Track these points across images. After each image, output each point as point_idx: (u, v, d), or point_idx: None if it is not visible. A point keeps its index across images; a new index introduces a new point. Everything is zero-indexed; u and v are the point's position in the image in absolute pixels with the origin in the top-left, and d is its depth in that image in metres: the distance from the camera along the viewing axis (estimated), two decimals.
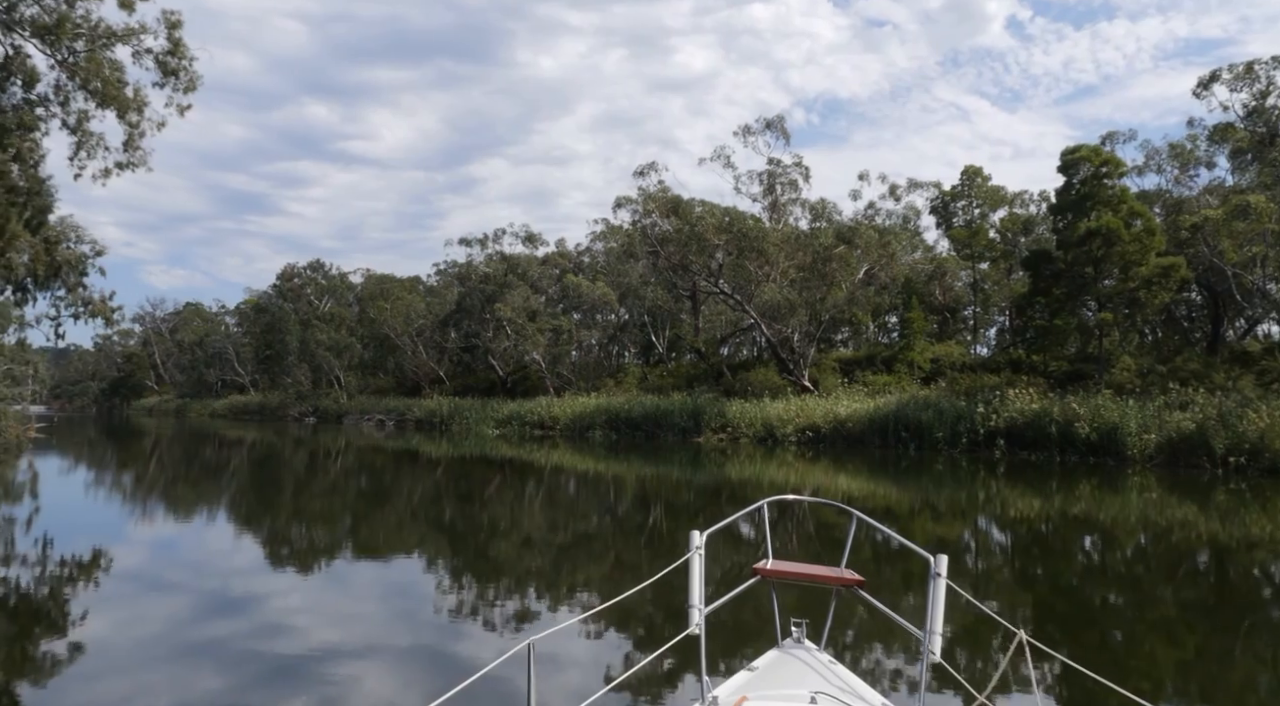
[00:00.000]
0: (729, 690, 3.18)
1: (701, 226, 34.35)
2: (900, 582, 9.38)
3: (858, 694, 3.18)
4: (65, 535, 12.30)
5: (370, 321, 61.68)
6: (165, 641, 6.73)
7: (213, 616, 7.57)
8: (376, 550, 11.24)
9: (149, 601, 8.24)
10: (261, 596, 8.45)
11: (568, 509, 16.25)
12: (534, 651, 2.41)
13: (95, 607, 7.94)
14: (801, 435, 32.05)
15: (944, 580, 3.20)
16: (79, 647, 6.59)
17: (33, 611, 7.86)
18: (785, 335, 38.01)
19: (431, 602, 8.24)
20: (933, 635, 3.12)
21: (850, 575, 3.85)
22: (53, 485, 20.31)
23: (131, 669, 6.08)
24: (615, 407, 39.23)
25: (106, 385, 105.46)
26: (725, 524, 4.07)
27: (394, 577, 9.61)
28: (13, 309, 22.74)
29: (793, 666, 3.43)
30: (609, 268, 51.90)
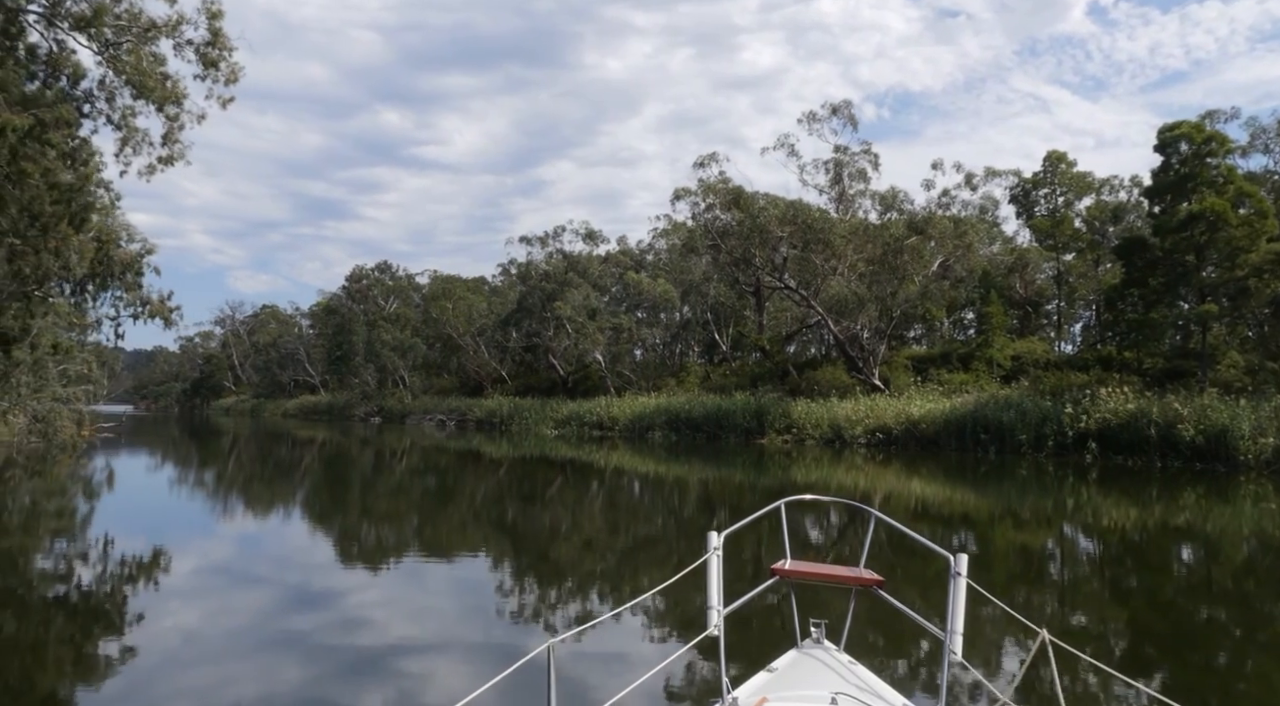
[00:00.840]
0: (749, 691, 3.18)
1: (764, 218, 32.83)
2: (920, 582, 9.25)
3: (878, 694, 3.17)
4: (152, 531, 12.76)
5: (433, 322, 61.89)
6: (252, 632, 6.99)
7: (293, 609, 7.81)
8: (443, 549, 11.44)
9: (235, 594, 8.53)
10: (337, 591, 8.63)
11: (629, 511, 15.79)
12: (554, 653, 2.42)
13: (188, 599, 8.29)
14: (871, 437, 30.30)
15: (964, 579, 3.11)
16: (174, 636, 6.90)
17: (129, 603, 8.09)
18: (854, 332, 36.21)
19: (497, 602, 8.30)
20: (954, 634, 3.04)
21: (869, 575, 3.80)
22: (128, 483, 20.52)
23: (221, 658, 6.28)
24: (676, 408, 38.01)
25: (188, 385, 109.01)
26: (743, 524, 4.02)
27: (460, 576, 9.65)
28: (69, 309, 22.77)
29: (812, 667, 3.42)
30: (671, 265, 50.73)
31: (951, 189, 37.43)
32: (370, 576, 9.55)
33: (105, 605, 7.99)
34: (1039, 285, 43.43)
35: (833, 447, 30.33)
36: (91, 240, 21.25)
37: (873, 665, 3.72)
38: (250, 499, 17.42)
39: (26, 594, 8.49)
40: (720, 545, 3.32)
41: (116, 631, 7.08)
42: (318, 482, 20.84)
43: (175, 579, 9.29)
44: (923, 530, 12.54)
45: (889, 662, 6.06)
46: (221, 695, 5.47)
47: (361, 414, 64.75)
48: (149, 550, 10.97)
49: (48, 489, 18.12)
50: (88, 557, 10.39)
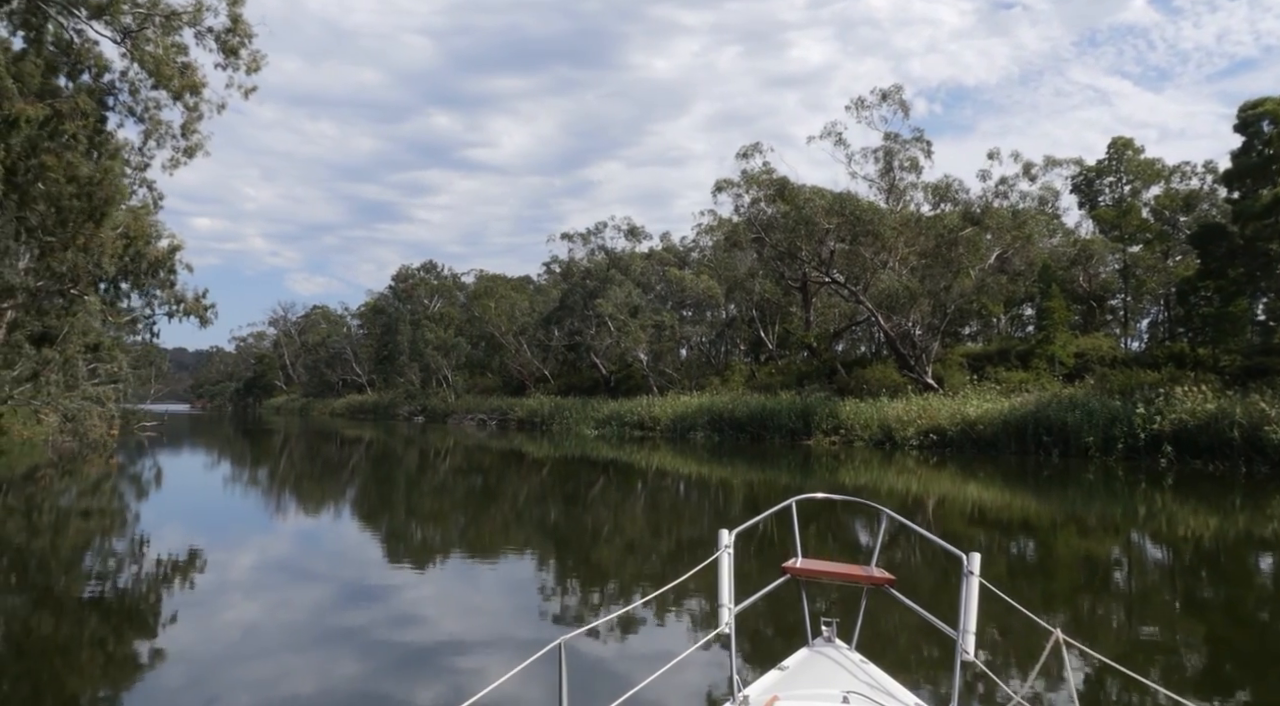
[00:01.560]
0: (760, 689, 3.17)
1: (810, 209, 31.41)
2: (933, 581, 9.20)
3: (890, 693, 3.15)
4: (209, 528, 13.11)
5: (477, 321, 61.62)
6: (307, 627, 7.14)
7: (346, 605, 7.95)
8: (487, 548, 11.47)
9: (290, 589, 8.77)
10: (386, 588, 8.74)
11: (672, 514, 15.27)
12: (565, 650, 2.43)
13: (248, 593, 8.50)
14: (924, 438, 28.75)
15: (977, 578, 3.10)
16: (235, 628, 7.08)
17: (191, 597, 8.26)
18: (905, 328, 34.59)
19: (540, 602, 8.31)
20: (966, 634, 3.04)
21: (881, 574, 3.78)
22: (174, 483, 20.70)
23: (278, 651, 6.44)
24: (719, 407, 36.81)
25: (241, 385, 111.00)
26: (754, 522, 4.01)
27: (505, 575, 9.67)
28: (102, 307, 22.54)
29: (824, 665, 3.40)
30: (716, 261, 49.49)
31: (1009, 178, 35.40)
32: (419, 574, 9.64)
33: (169, 600, 8.14)
34: (1103, 279, 41.16)
35: (883, 449, 28.94)
36: (119, 236, 20.93)
37: (884, 664, 3.61)
38: (299, 498, 17.51)
39: (80, 591, 8.56)
40: (731, 543, 3.33)
41: (181, 624, 7.23)
42: (365, 482, 20.89)
43: (234, 574, 9.49)
44: (979, 537, 12.07)
45: (901, 661, 6.06)
46: (279, 687, 5.55)
47: (405, 413, 64.82)
48: (207, 546, 11.19)
49: (97, 487, 17.95)
50: (148, 555, 10.52)
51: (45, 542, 11.53)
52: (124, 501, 16.33)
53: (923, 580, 9.30)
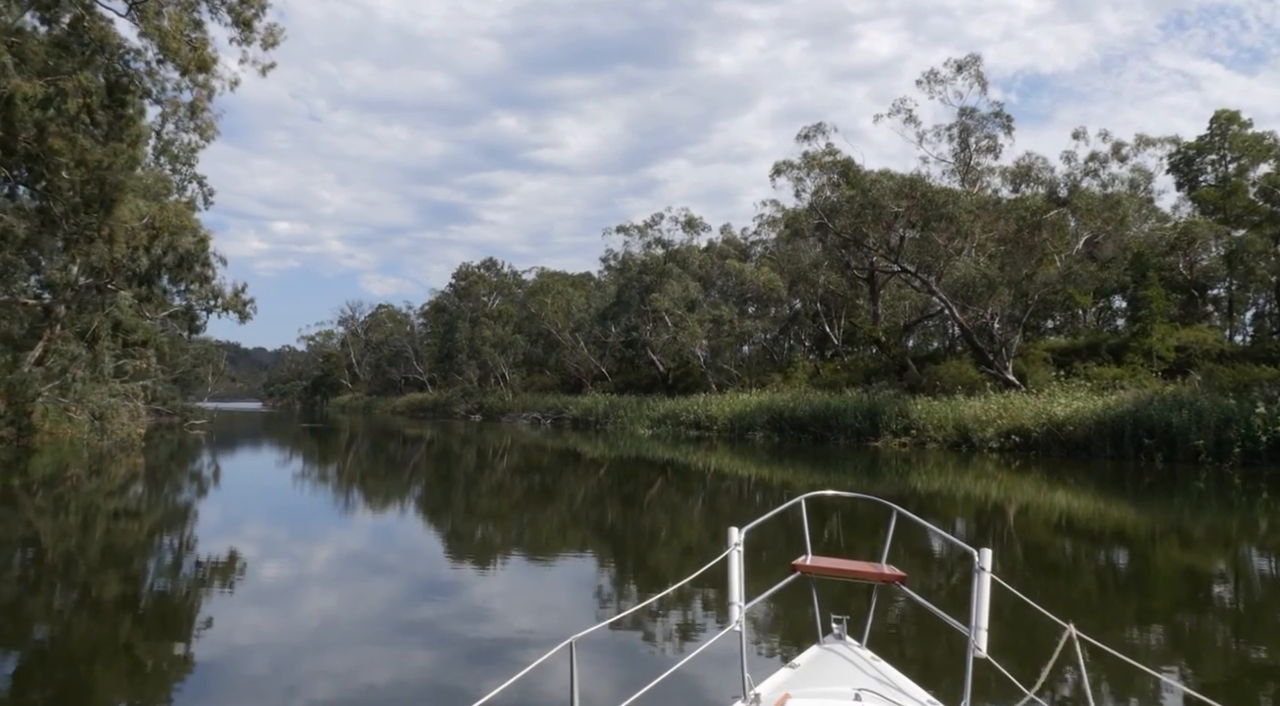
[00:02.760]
0: (771, 687, 3.17)
1: (877, 191, 29.05)
2: (945, 578, 9.20)
3: (902, 690, 3.13)
4: (279, 525, 13.35)
5: (534, 318, 60.67)
6: (380, 620, 7.25)
7: (414, 599, 8.11)
8: (547, 548, 11.46)
9: (361, 583, 8.91)
10: (452, 584, 8.91)
11: (732, 518, 13.39)
12: (576, 649, 2.45)
13: (325, 586, 8.72)
14: (1005, 440, 26.17)
15: (988, 574, 3.07)
16: (315, 619, 7.29)
17: (267, 589, 8.47)
18: (982, 320, 31.92)
19: (601, 602, 8.26)
20: (978, 630, 2.98)
21: (891, 571, 3.74)
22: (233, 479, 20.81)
23: (354, 642, 6.52)
24: (779, 406, 34.67)
25: (309, 383, 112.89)
26: (763, 520, 3.98)
27: (567, 574, 9.66)
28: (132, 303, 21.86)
29: (835, 663, 3.40)
30: (778, 254, 47.22)
31: (1100, 154, 32.16)
32: (483, 571, 9.77)
33: (248, 592, 8.25)
34: (1205, 265, 37.58)
35: (959, 452, 26.55)
36: (145, 226, 20.10)
37: (896, 661, 3.45)
38: (350, 499, 17.53)
39: (149, 584, 8.77)
40: (741, 541, 3.39)
41: (265, 615, 7.39)
42: (426, 481, 20.99)
43: (312, 568, 9.73)
44: (1064, 547, 11.45)
45: (912, 658, 6.04)
46: (357, 678, 5.64)
47: (462, 411, 64.38)
48: (285, 542, 11.50)
49: (124, 489, 17.19)
50: (223, 550, 10.63)
51: (95, 544, 11.31)
52: (189, 495, 16.66)
53: (934, 577, 9.20)
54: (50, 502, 14.96)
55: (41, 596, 8.19)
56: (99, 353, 20.72)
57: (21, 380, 20.30)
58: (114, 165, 16.77)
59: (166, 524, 13.01)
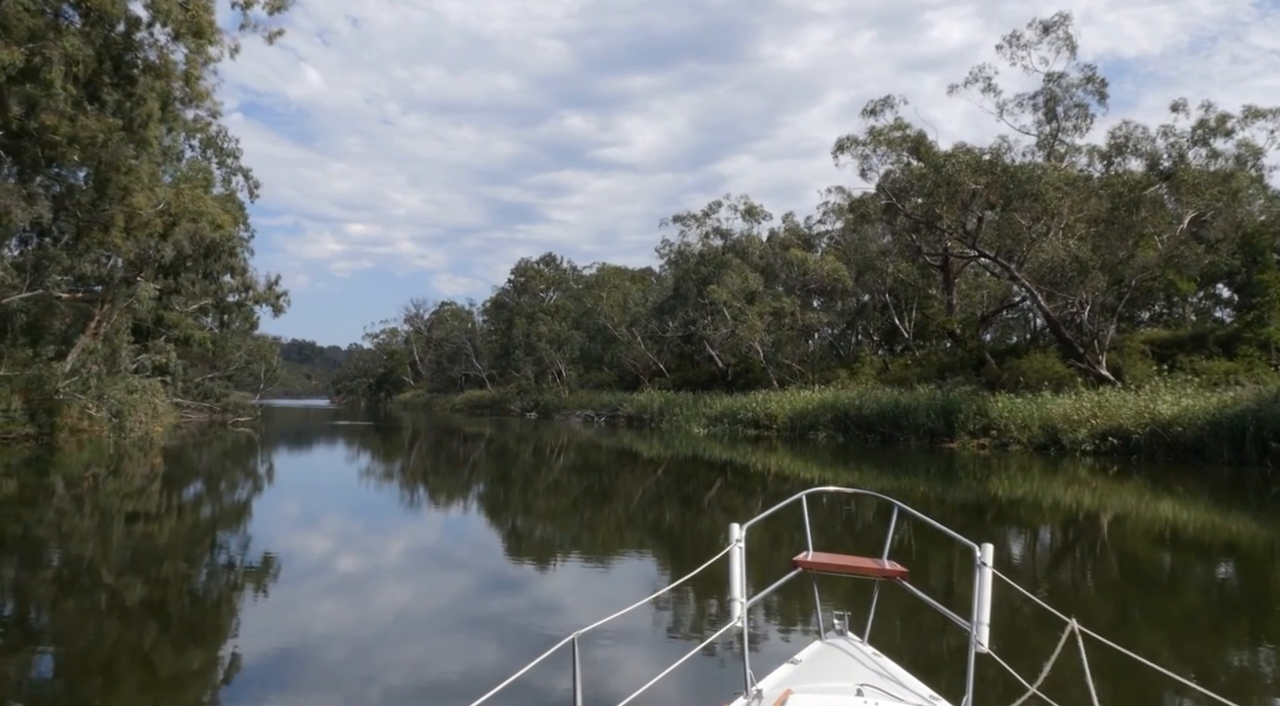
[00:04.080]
0: (773, 683, 3.17)
1: (952, 167, 26.37)
2: (947, 573, 9.14)
3: (904, 685, 3.15)
4: (347, 521, 13.36)
5: (591, 313, 59.23)
6: (450, 614, 7.41)
7: (480, 595, 8.19)
8: (606, 548, 11.25)
9: (438, 578, 9.05)
10: (514, 581, 8.94)
11: (795, 523, 11.98)
12: (578, 646, 2.46)
13: (393, 581, 8.78)
14: (1101, 442, 23.31)
15: (990, 569, 3.10)
16: (389, 612, 7.42)
17: (338, 583, 8.55)
18: (1070, 310, 28.91)
19: (662, 602, 7.89)
20: (980, 625, 3.05)
21: (892, 566, 3.76)
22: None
23: (427, 636, 6.67)
24: (844, 404, 32.18)
25: (373, 381, 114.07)
26: (765, 516, 4.01)
27: (629, 574, 9.45)
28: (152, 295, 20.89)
29: (837, 659, 3.41)
30: (845, 243, 44.54)
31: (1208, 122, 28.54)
32: (546, 568, 9.78)
33: (317, 591, 8.24)
34: None
35: (1046, 455, 23.85)
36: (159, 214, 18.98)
37: (897, 657, 3.49)
38: (432, 494, 17.50)
39: (214, 581, 8.73)
40: (742, 537, 3.37)
41: (331, 610, 7.42)
42: (486, 480, 20.82)
43: (386, 562, 9.89)
44: (1163, 560, 10.78)
45: (914, 654, 5.94)
46: (430, 670, 5.75)
47: (518, 408, 63.39)
48: (343, 539, 11.60)
49: (142, 491, 16.02)
50: (293, 547, 10.75)
51: (119, 549, 10.87)
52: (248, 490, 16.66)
53: (937, 573, 9.23)
54: (72, 503, 14.25)
55: (98, 596, 8.02)
56: (117, 347, 19.76)
57: (38, 376, 19.44)
58: (109, 141, 15.59)
59: (177, 529, 11.89)
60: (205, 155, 36.95)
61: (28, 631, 6.73)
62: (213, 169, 35.97)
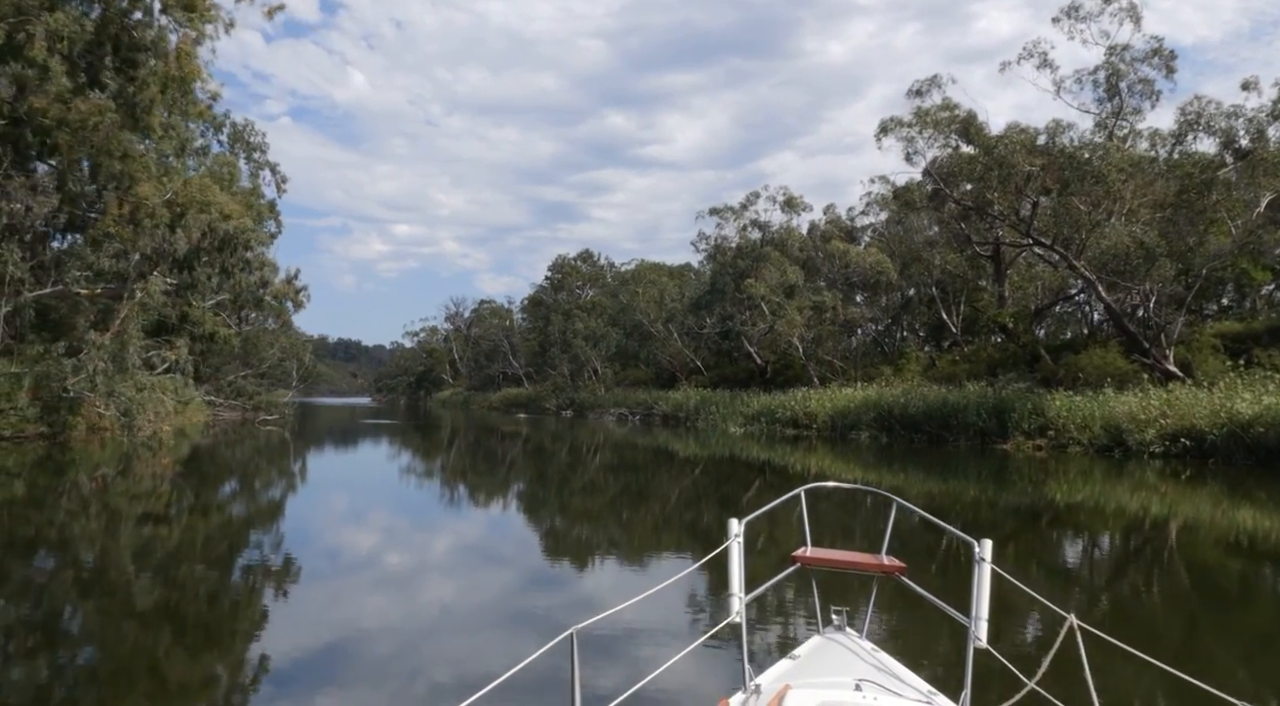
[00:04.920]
0: (771, 677, 3.19)
1: (1005, 148, 24.60)
2: (947, 569, 9.13)
3: (902, 680, 3.16)
4: (387, 518, 13.39)
5: (628, 309, 58.09)
6: (494, 608, 7.50)
7: (524, 593, 8.24)
8: (647, 547, 11.08)
9: (481, 574, 9.25)
10: (558, 578, 9.02)
11: (836, 527, 12.97)
12: (576, 640, 2.47)
13: (445, 575, 9.07)
14: (1171, 443, 21.45)
15: (988, 565, 3.10)
16: (434, 608, 7.59)
17: (384, 577, 8.72)
18: (1134, 301, 26.94)
19: (692, 609, 7.67)
20: (978, 621, 3.04)
21: (891, 562, 3.79)
22: None
23: (471, 631, 6.80)
24: (888, 402, 30.52)
25: (413, 379, 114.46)
26: (763, 511, 3.97)
27: (668, 575, 8.35)
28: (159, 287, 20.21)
29: (835, 654, 3.42)
30: (889, 235, 42.74)
31: None
32: (585, 567, 9.71)
33: (367, 587, 8.23)
34: None
35: (1109, 457, 22.10)
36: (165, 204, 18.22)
37: (896, 652, 3.53)
38: (472, 492, 17.45)
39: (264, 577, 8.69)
40: (741, 532, 3.38)
41: (379, 605, 7.48)
42: (525, 479, 20.59)
43: (430, 558, 10.07)
44: (1233, 569, 10.13)
45: (912, 649, 6.00)
46: (476, 665, 5.73)
47: (553, 406, 62.58)
48: (388, 536, 11.64)
49: (153, 495, 15.24)
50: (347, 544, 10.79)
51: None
52: None
53: (937, 568, 9.17)
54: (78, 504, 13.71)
55: (132, 596, 7.94)
56: (125, 343, 19.11)
57: (45, 373, 18.84)
58: (101, 125, 14.78)
59: (167, 540, 10.98)
60: (234, 150, 36.59)
61: (55, 633, 6.73)
62: (240, 164, 35.54)
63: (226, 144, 36.17)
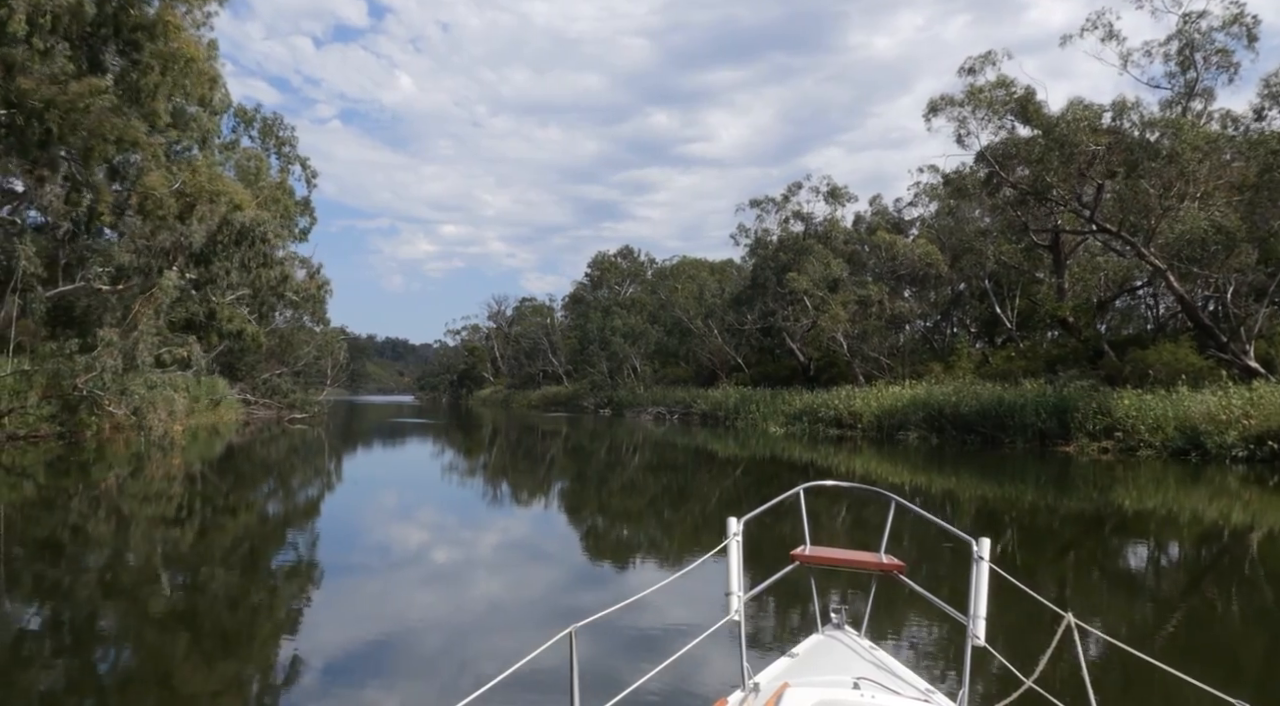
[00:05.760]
0: (770, 676, 3.19)
1: (1068, 126, 22.75)
2: (944, 568, 9.12)
3: (901, 678, 3.15)
4: (429, 516, 13.34)
5: (667, 305, 56.83)
6: (542, 605, 7.56)
7: (570, 590, 8.31)
8: (692, 549, 10.54)
9: (527, 570, 9.29)
10: (596, 579, 8.99)
11: (879, 529, 10.55)
12: (575, 638, 2.46)
13: (492, 572, 9.11)
14: (1257, 447, 19.50)
15: (986, 563, 3.06)
16: (482, 603, 7.63)
17: (432, 573, 8.84)
18: (1208, 292, 24.85)
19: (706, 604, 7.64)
20: (976, 619, 3.01)
21: (890, 560, 3.78)
22: None
23: (520, 627, 6.77)
24: (938, 400, 28.77)
25: (455, 377, 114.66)
26: (762, 510, 3.95)
27: (711, 576, 7.73)
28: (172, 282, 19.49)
29: (834, 652, 3.43)
30: (938, 226, 40.79)
31: None
32: (629, 566, 9.64)
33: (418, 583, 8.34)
34: None
35: (1185, 461, 20.26)
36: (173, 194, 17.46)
37: (894, 650, 3.69)
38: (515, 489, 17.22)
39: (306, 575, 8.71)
40: (740, 531, 3.39)
41: (428, 599, 7.64)
42: (565, 477, 20.35)
43: (478, 554, 10.21)
44: None
45: (911, 648, 6.03)
46: (592, 659, 5.66)
47: (591, 405, 61.63)
48: (438, 531, 11.71)
49: (160, 495, 14.46)
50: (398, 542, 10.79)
51: None
52: None
53: (935, 567, 9.10)
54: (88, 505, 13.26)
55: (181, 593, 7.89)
56: (136, 339, 18.45)
57: (55, 371, 18.22)
58: (90, 107, 13.96)
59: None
60: (265, 144, 36.14)
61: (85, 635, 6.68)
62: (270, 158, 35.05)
63: (258, 139, 35.72)
